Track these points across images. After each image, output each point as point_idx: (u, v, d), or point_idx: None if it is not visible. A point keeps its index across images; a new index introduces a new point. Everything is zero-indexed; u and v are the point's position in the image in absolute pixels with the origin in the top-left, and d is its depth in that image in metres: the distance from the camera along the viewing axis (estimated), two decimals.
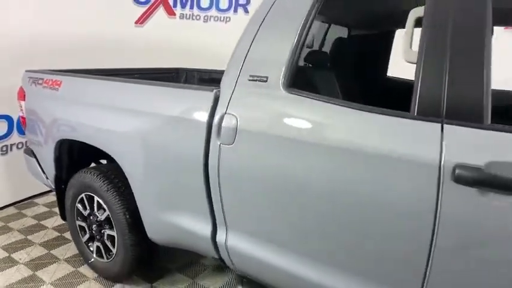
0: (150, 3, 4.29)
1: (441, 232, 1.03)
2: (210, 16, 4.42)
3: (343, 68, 2.27)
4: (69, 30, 3.47)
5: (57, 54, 3.32)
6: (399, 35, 2.63)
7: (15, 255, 2.55)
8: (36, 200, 3.47)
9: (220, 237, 1.61)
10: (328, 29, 2.31)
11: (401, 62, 1.21)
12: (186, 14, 4.43)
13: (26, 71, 2.58)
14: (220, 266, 2.33)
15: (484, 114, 1.00)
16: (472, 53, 1.04)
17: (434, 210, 1.03)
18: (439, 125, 1.05)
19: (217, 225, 1.62)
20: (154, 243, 2.04)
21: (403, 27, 1.18)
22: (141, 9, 4.25)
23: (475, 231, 1.00)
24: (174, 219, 1.77)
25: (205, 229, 1.65)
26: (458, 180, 0.99)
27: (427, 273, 1.09)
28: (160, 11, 4.36)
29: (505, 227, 0.96)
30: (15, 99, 2.61)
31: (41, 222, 3.06)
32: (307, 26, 1.35)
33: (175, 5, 4.43)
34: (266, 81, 1.41)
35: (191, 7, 4.48)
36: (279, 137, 1.34)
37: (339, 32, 2.43)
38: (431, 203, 1.03)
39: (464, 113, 1.03)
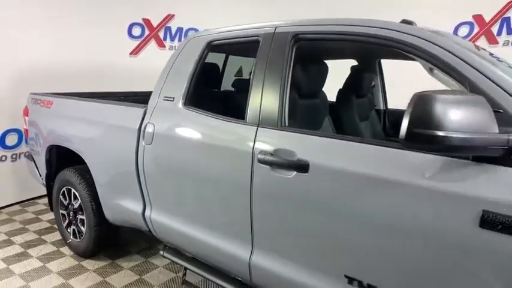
0: (143, 37, 5.08)
1: (254, 195, 1.61)
2: None
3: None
4: (73, 59, 4.25)
5: (64, 80, 4.08)
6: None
7: (13, 238, 3.22)
8: (38, 201, 4.17)
9: (147, 213, 2.22)
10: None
11: None
12: (175, 46, 5.19)
13: (31, 93, 3.32)
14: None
15: (278, 122, 1.60)
16: (273, 86, 1.65)
17: (249, 180, 1.61)
18: (256, 127, 1.65)
19: (145, 204, 2.23)
20: (113, 226, 2.66)
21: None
22: (135, 43, 5.05)
23: (271, 193, 1.57)
24: (120, 202, 2.40)
25: (138, 208, 2.27)
26: (260, 161, 1.58)
27: (252, 225, 1.66)
28: (152, 44, 5.15)
29: (284, 191, 1.52)
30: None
31: (38, 216, 3.75)
32: (198, 67, 2.01)
33: (165, 39, 5.23)
34: (173, 100, 2.05)
35: (179, 39, 5.28)
36: (179, 138, 1.97)
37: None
38: (248, 176, 1.62)
39: (268, 121, 1.63)
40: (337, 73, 2.45)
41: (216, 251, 1.86)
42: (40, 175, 3.26)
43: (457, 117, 1.00)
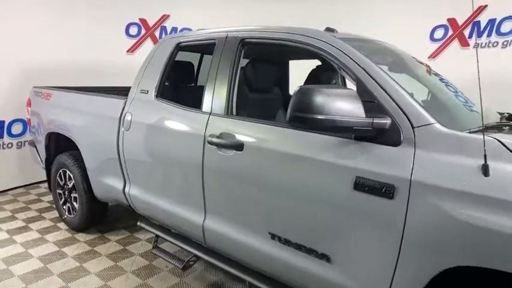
0: (140, 36, 5.47)
1: (205, 170, 1.97)
2: None
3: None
4: (74, 56, 4.65)
5: (65, 75, 4.48)
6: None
7: (17, 215, 3.64)
8: (40, 185, 4.59)
9: (126, 189, 2.60)
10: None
11: None
12: None
13: (33, 87, 3.73)
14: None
15: (226, 111, 1.95)
16: (223, 81, 2.01)
17: (202, 158, 1.97)
18: (208, 115, 2.01)
19: (125, 182, 2.61)
20: (101, 203, 3.06)
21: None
22: (132, 41, 5.44)
23: (217, 168, 1.93)
24: (106, 181, 2.78)
25: (119, 185, 2.65)
26: (209, 142, 1.94)
27: (204, 195, 2.02)
28: (148, 42, 5.53)
29: (226, 166, 1.88)
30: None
31: (40, 197, 4.17)
32: (166, 65, 2.38)
33: (160, 37, 5.60)
34: (147, 93, 2.42)
35: None
36: (150, 125, 2.34)
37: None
38: (201, 155, 1.98)
39: (218, 110, 1.99)
40: None
41: (178, 219, 2.23)
42: (41, 160, 3.67)
43: (331, 104, 1.35)
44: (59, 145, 3.39)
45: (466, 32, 4.74)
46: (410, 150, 1.36)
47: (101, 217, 3.31)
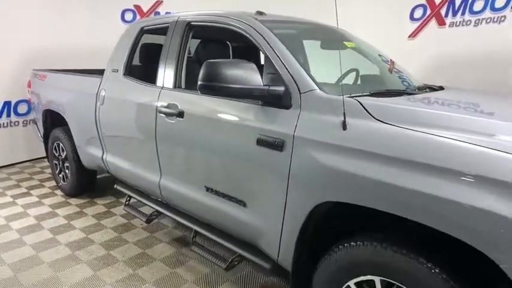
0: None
1: (157, 136, 2.33)
2: None
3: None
4: (72, 41, 5.04)
5: (64, 59, 4.88)
6: None
7: (21, 183, 4.13)
8: (44, 159, 5.06)
9: (104, 156, 2.99)
10: None
11: None
12: None
13: (33, 69, 4.15)
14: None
15: (174, 85, 2.29)
16: (172, 59, 2.33)
17: (154, 126, 2.33)
18: (160, 89, 2.35)
19: (103, 150, 3.01)
20: (89, 171, 3.48)
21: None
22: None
23: (165, 134, 2.28)
24: (89, 150, 3.19)
25: (99, 153, 3.05)
26: (159, 112, 2.28)
27: (158, 158, 2.38)
28: None
29: (171, 131, 2.22)
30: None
31: (43, 170, 4.65)
32: (132, 47, 2.72)
33: None
34: (117, 71, 2.78)
35: None
36: (118, 99, 2.70)
37: None
38: (154, 123, 2.33)
39: (168, 84, 2.32)
40: None
41: (141, 179, 2.61)
42: (40, 135, 4.12)
43: (233, 75, 1.66)
44: (53, 121, 3.81)
45: (443, 11, 4.86)
46: (297, 111, 1.66)
47: (89, 184, 3.74)
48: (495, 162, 1.13)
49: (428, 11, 4.98)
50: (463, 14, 4.60)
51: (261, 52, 2.04)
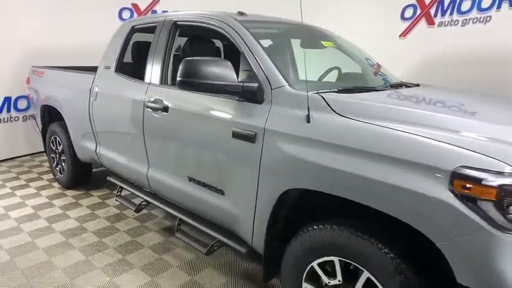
0: None
1: (144, 130, 2.46)
2: None
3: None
4: (71, 39, 5.18)
5: (63, 56, 5.02)
6: None
7: (20, 176, 4.29)
8: (44, 153, 5.23)
9: (97, 149, 3.14)
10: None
11: None
12: None
13: (32, 66, 4.30)
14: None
15: (160, 81, 2.42)
16: (159, 56, 2.46)
17: (142, 120, 2.46)
18: (148, 85, 2.49)
19: (97, 143, 3.15)
20: (83, 164, 3.63)
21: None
22: None
23: (152, 128, 2.42)
24: (83, 144, 3.34)
25: (93, 146, 3.19)
26: (146, 107, 2.42)
27: (146, 150, 2.52)
28: None
29: (157, 125, 2.36)
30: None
31: (42, 164, 4.81)
32: (124, 45, 2.86)
33: None
34: (109, 68, 2.92)
35: None
36: (110, 94, 2.84)
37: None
38: (141, 117, 2.46)
39: (154, 81, 2.46)
40: None
41: (130, 170, 2.76)
42: (39, 129, 4.27)
43: (209, 72, 1.80)
44: (51, 116, 3.96)
45: (433, 11, 4.97)
46: (268, 106, 1.80)
47: (85, 176, 3.89)
48: (427, 150, 1.27)
49: (419, 11, 5.08)
50: (451, 13, 4.71)
51: None
